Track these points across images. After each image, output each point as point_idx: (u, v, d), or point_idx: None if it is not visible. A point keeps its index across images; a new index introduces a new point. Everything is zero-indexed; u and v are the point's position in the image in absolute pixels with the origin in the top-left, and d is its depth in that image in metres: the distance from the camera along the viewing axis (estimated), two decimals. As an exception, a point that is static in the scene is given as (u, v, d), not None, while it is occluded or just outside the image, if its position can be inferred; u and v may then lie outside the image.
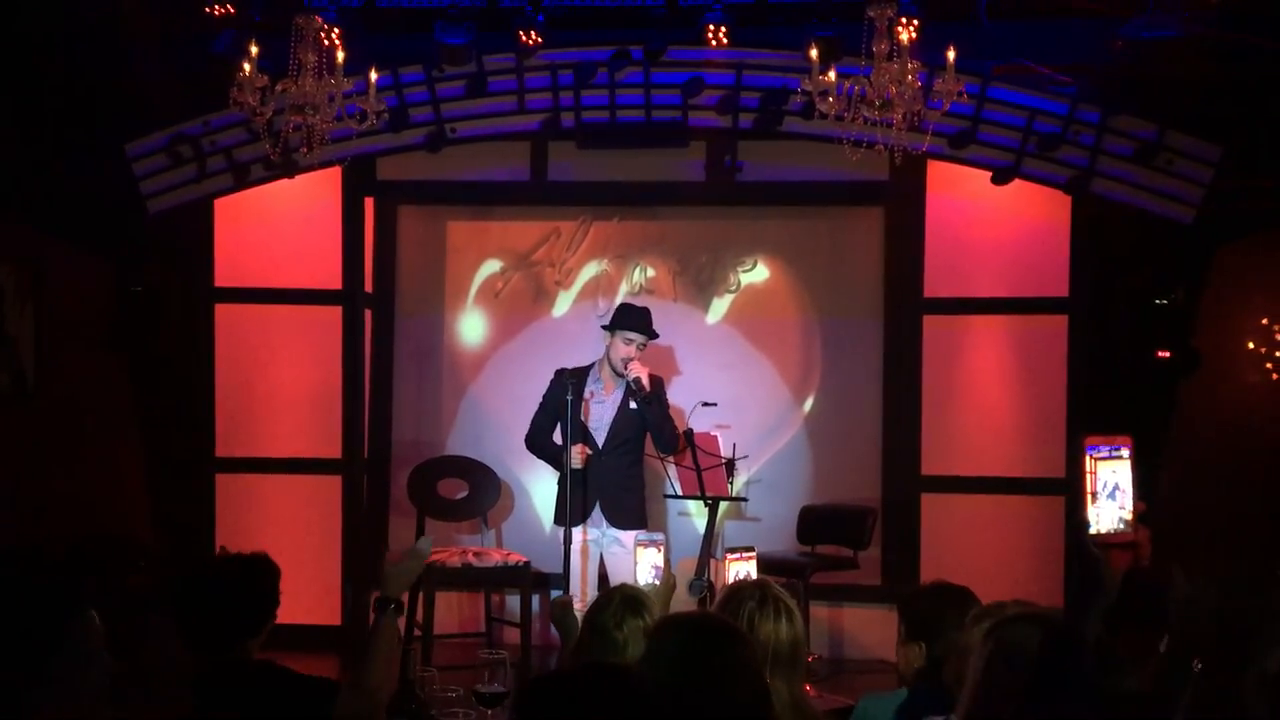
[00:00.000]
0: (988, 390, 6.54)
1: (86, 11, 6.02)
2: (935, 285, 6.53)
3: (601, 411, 5.63)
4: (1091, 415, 6.28)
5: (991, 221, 6.48)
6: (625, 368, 5.48)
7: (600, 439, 5.59)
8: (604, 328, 5.69)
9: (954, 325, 6.56)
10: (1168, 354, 6.42)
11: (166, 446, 6.85)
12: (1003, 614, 2.35)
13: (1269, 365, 6.56)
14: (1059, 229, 6.39)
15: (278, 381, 6.76)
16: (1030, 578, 6.24)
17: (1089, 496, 1.96)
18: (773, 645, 2.75)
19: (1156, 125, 5.91)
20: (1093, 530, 1.95)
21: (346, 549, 6.70)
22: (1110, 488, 1.95)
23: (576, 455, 5.41)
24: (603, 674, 1.96)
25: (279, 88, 4.85)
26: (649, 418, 5.51)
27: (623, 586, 3.24)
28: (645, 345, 5.59)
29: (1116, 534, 1.95)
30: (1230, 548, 6.09)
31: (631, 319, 5.58)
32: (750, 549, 3.98)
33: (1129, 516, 1.95)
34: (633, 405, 5.54)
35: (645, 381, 5.48)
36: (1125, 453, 1.97)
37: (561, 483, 5.53)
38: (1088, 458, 1.97)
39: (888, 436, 6.75)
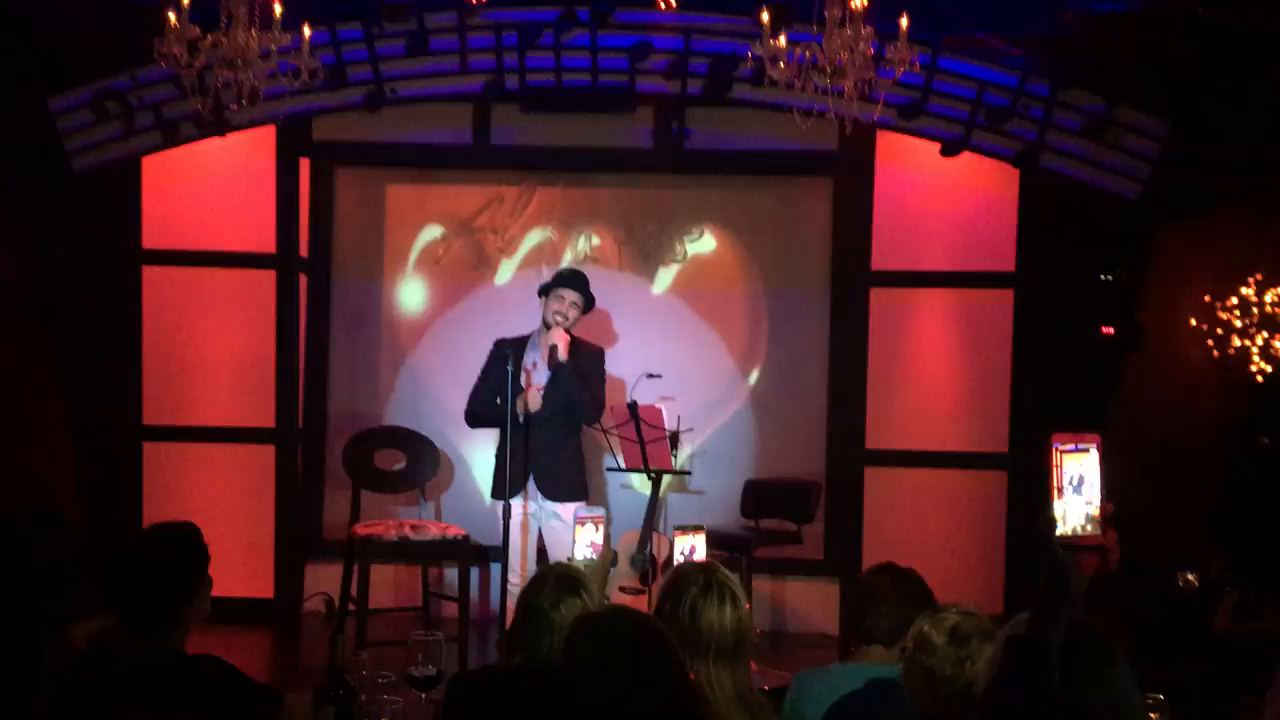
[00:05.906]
0: (933, 364, 6.52)
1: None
2: (883, 258, 6.47)
3: (539, 381, 5.50)
4: (1035, 390, 6.29)
5: (940, 194, 6.44)
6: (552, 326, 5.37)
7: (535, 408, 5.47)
8: (539, 293, 5.56)
9: (901, 298, 6.52)
10: (1112, 330, 6.45)
11: (92, 414, 6.62)
12: (977, 623, 2.34)
13: (1210, 342, 6.59)
14: (1007, 203, 6.36)
15: (208, 348, 6.56)
16: (972, 552, 6.28)
17: (1055, 491, 1.90)
18: (716, 634, 2.64)
19: (1105, 99, 5.89)
20: (1060, 530, 1.88)
21: (280, 521, 6.54)
22: (1077, 481, 1.90)
23: (535, 394, 5.31)
24: (527, 678, 1.86)
25: (209, 40, 4.64)
26: (567, 387, 5.39)
27: (557, 565, 3.12)
28: (581, 307, 5.47)
29: (1085, 535, 1.88)
30: (1168, 521, 6.13)
31: (565, 276, 5.50)
32: (700, 527, 3.90)
33: (1095, 514, 1.89)
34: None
35: (562, 350, 5.35)
36: (1092, 449, 1.93)
37: (500, 454, 5.41)
38: (1054, 452, 1.91)
39: (833, 410, 6.71)
